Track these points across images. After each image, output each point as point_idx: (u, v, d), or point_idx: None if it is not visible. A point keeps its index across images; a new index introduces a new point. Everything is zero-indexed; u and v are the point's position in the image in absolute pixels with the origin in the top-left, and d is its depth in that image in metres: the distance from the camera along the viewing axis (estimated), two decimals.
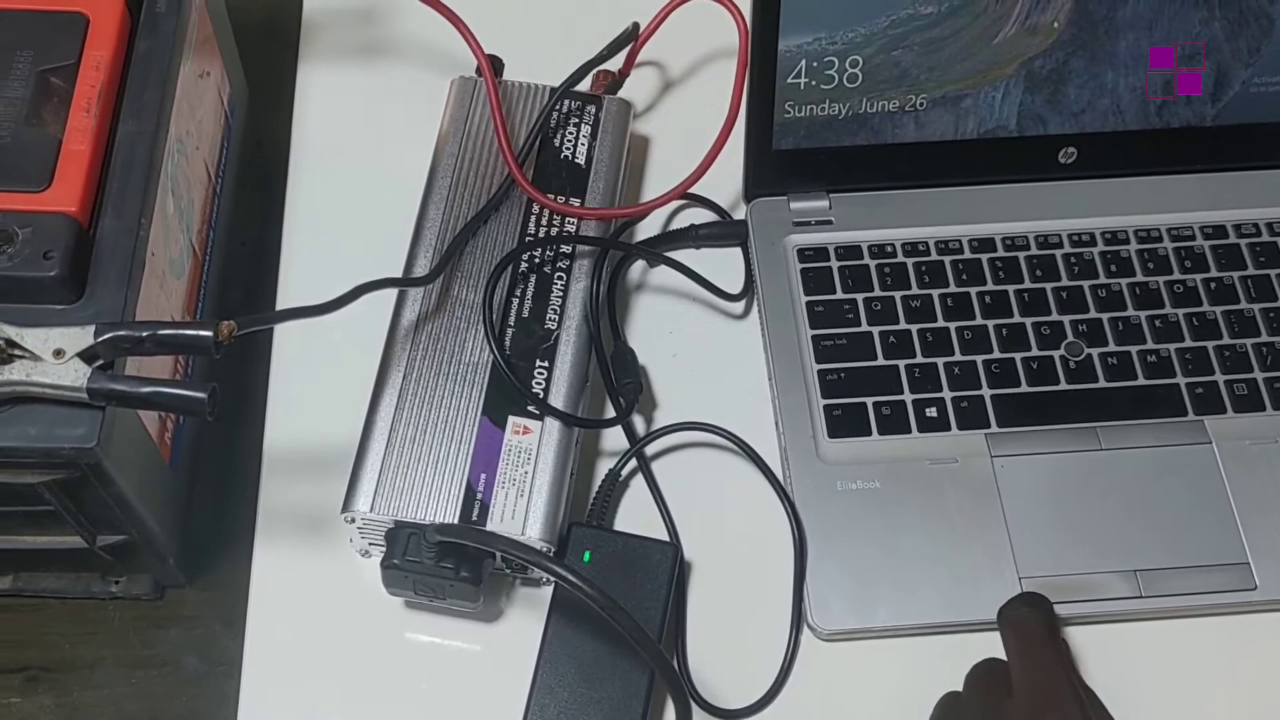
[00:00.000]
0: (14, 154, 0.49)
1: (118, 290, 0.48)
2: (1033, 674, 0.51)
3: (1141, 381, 0.63)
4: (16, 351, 0.45)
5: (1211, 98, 0.66)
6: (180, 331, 0.46)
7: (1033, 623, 0.53)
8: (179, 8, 0.55)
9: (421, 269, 0.61)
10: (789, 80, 0.63)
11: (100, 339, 0.45)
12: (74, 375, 0.45)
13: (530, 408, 0.58)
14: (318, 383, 0.63)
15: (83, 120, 0.50)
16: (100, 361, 0.46)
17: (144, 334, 0.45)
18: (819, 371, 0.63)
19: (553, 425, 0.58)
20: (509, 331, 0.60)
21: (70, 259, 0.48)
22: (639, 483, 0.61)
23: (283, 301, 0.65)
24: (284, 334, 0.64)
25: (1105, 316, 0.64)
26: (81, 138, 0.49)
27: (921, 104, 0.65)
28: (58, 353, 0.45)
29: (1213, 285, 0.65)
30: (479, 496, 0.56)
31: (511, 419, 0.58)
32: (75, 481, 0.48)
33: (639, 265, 0.67)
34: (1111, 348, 0.64)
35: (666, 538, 0.59)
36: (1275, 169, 0.68)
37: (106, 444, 0.47)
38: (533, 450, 0.57)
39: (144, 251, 0.50)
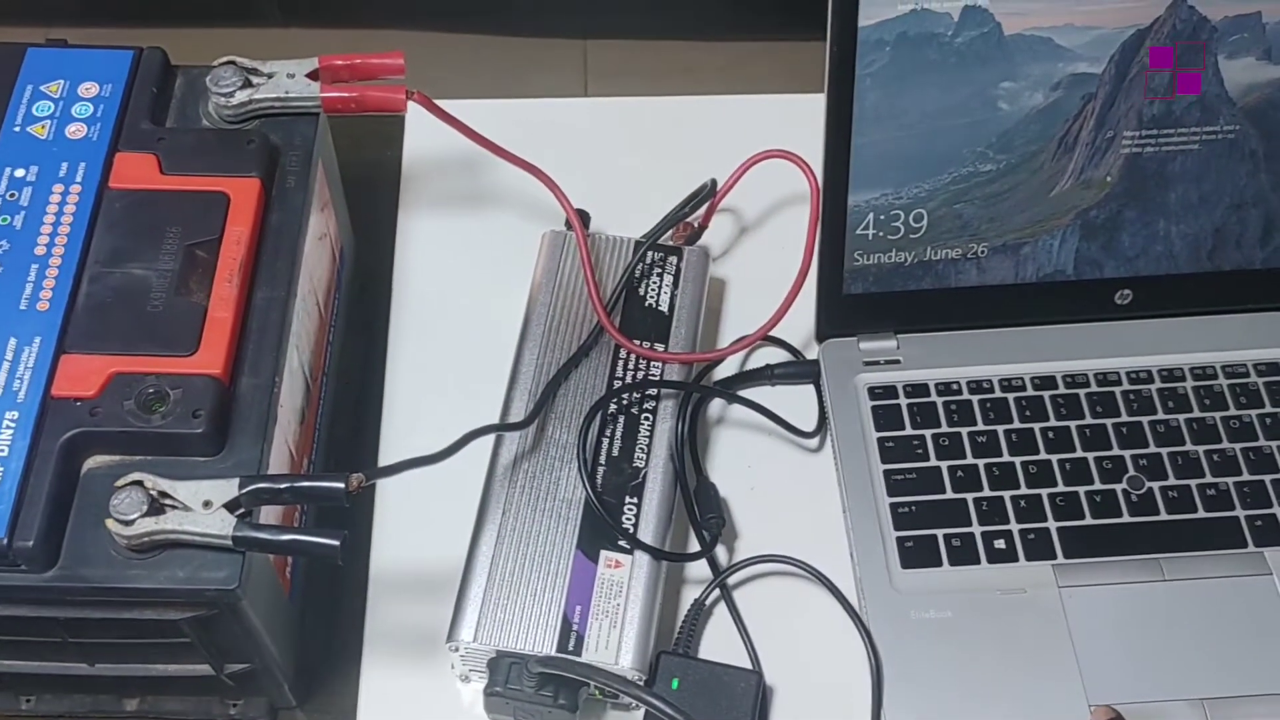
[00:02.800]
0: (166, 321, 0.55)
1: (254, 443, 0.54)
2: None
3: (1202, 514, 0.66)
4: (168, 502, 0.51)
5: (1260, 242, 0.70)
6: (315, 484, 0.50)
7: None
8: (305, 183, 0.61)
9: (518, 411, 0.66)
10: (858, 231, 0.68)
11: (244, 491, 0.50)
12: (220, 524, 0.50)
13: (621, 542, 0.62)
14: (419, 516, 0.67)
15: (225, 290, 0.55)
16: (242, 510, 0.51)
17: (283, 486, 0.50)
18: (891, 504, 0.66)
19: (642, 559, 0.62)
20: (600, 470, 0.64)
21: (215, 417, 0.53)
22: (721, 610, 0.65)
23: (386, 437, 0.70)
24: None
25: (1165, 451, 0.67)
26: (224, 306, 0.55)
27: (983, 252, 0.69)
28: (206, 504, 0.50)
29: (1268, 420, 0.68)
30: (574, 627, 0.60)
31: (604, 553, 0.62)
32: (214, 618, 0.53)
33: (718, 402, 0.71)
34: (1171, 481, 0.67)
35: (749, 664, 0.63)
36: None
37: (245, 585, 0.51)
38: (624, 583, 0.61)
39: (276, 406, 0.55)
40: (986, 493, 0.66)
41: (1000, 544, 0.65)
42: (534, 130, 0.78)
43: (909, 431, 0.68)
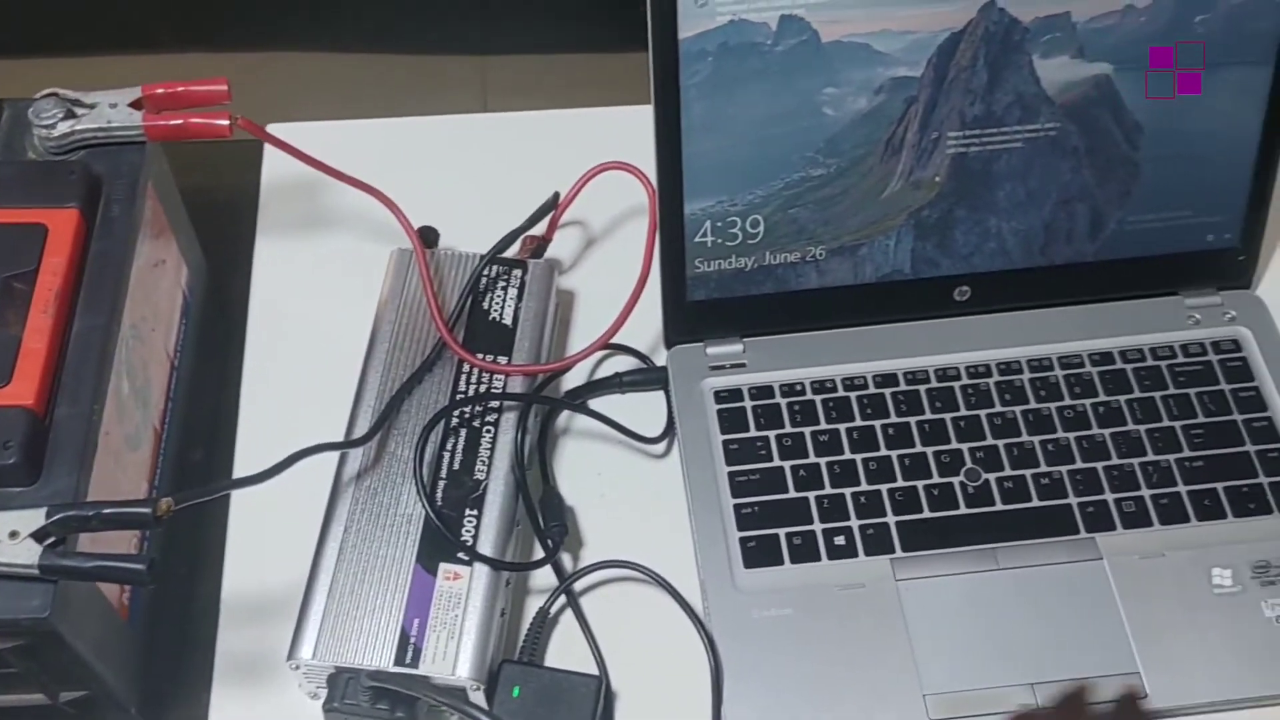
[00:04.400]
0: None
1: (71, 472, 0.54)
2: None
3: (1036, 503, 0.67)
4: None
5: (1089, 236, 0.72)
6: (122, 510, 0.51)
7: None
8: (130, 211, 0.61)
9: (362, 428, 0.66)
10: (696, 239, 0.69)
11: (51, 520, 0.51)
12: (27, 554, 0.50)
13: (460, 555, 0.63)
14: (272, 535, 0.68)
15: (40, 320, 0.56)
16: (52, 539, 0.51)
17: (90, 513, 0.51)
18: (734, 505, 0.67)
19: (481, 570, 0.63)
20: (441, 483, 0.65)
21: (27, 447, 0.53)
22: (569, 618, 0.66)
23: (240, 460, 0.71)
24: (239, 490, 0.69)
25: (1001, 443, 0.69)
26: (39, 336, 0.55)
27: (821, 254, 0.71)
28: (13, 534, 0.50)
29: (1101, 409, 0.70)
30: (412, 640, 0.60)
31: (443, 566, 0.63)
32: (34, 646, 0.53)
33: (570, 412, 0.72)
34: (1007, 472, 0.68)
35: (595, 670, 0.64)
36: (1155, 297, 0.74)
37: (61, 613, 0.52)
38: (462, 595, 0.62)
39: (96, 434, 0.56)
40: (828, 490, 0.68)
41: (840, 540, 0.66)
42: (389, 149, 0.79)
43: (753, 433, 0.70)
